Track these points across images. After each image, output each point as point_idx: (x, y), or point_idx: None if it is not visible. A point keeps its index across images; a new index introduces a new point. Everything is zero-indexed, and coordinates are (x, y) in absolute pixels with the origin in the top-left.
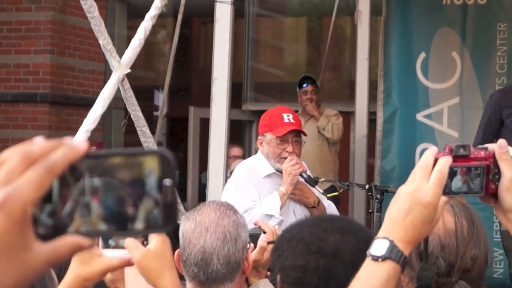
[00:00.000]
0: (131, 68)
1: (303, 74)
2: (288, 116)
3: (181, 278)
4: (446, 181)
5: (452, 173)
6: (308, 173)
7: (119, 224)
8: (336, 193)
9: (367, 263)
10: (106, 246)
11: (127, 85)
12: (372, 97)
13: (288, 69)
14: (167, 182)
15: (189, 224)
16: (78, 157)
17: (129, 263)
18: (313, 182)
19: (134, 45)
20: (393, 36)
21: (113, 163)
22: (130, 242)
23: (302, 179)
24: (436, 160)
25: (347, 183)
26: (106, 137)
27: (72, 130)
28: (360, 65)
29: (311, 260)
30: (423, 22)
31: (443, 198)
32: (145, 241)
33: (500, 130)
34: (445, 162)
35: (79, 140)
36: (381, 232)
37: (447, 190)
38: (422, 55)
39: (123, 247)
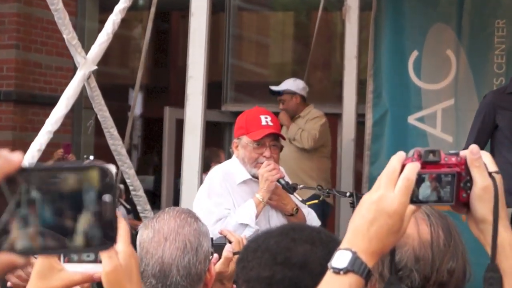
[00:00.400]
0: (105, 65)
1: (286, 79)
2: (266, 118)
3: None
4: (413, 189)
5: (420, 180)
6: (287, 179)
7: (57, 239)
8: (316, 201)
9: (328, 276)
10: (69, 259)
11: (93, 83)
12: (361, 98)
13: (273, 68)
14: (107, 198)
15: (147, 232)
16: (12, 169)
17: (92, 279)
18: (291, 189)
19: (102, 40)
20: (383, 33)
21: (52, 176)
22: None
23: (279, 186)
24: (403, 166)
25: (327, 190)
26: (75, 139)
27: (38, 131)
28: (348, 64)
29: (277, 271)
30: (416, 17)
31: (411, 207)
32: None
33: (494, 134)
34: (413, 168)
35: (15, 153)
36: (344, 243)
37: (414, 199)
38: (415, 53)
39: (87, 261)
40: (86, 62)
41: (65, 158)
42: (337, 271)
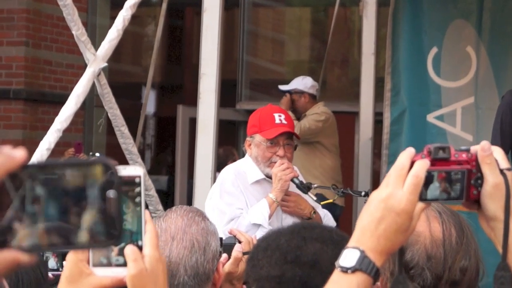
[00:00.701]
0: (117, 62)
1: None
2: (279, 116)
3: None
4: (422, 187)
5: (429, 178)
6: (301, 178)
7: (62, 236)
8: (330, 200)
9: (336, 275)
10: (97, 263)
11: (103, 80)
12: (379, 96)
13: (289, 65)
14: (111, 193)
15: None
16: (15, 166)
17: (122, 283)
18: (305, 188)
19: (112, 37)
20: (402, 29)
21: (56, 172)
22: (130, 251)
23: (293, 185)
24: (412, 163)
25: (342, 189)
26: (86, 138)
27: (48, 130)
28: (366, 61)
29: (287, 270)
30: (435, 13)
31: (420, 205)
32: None
33: None
34: (422, 165)
35: (17, 149)
36: (352, 242)
37: (423, 196)
38: (434, 50)
39: (116, 265)
40: (96, 59)
41: (77, 157)
42: (345, 270)
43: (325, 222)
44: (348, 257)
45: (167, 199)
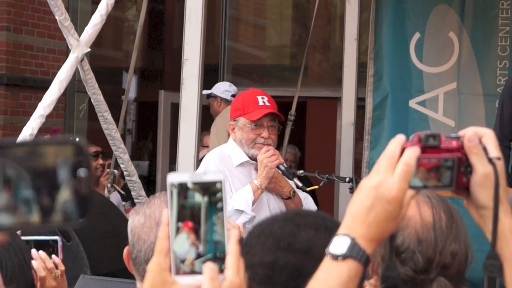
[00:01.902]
0: (98, 47)
1: None
2: (263, 98)
3: (132, 277)
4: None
5: (416, 168)
6: (285, 165)
7: (36, 214)
8: (316, 187)
9: (326, 263)
10: (179, 271)
11: (86, 65)
12: (362, 82)
13: (271, 50)
14: (82, 172)
15: (138, 218)
16: None
17: None
18: (291, 175)
19: (95, 22)
20: (385, 14)
21: (27, 152)
22: (207, 268)
23: (279, 172)
24: (403, 150)
25: (327, 175)
26: (67, 123)
27: (30, 115)
28: (348, 46)
29: (280, 256)
30: None
31: (410, 192)
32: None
33: None
34: (413, 153)
35: None
36: (342, 229)
37: (413, 184)
38: (417, 35)
39: (199, 273)
40: (79, 44)
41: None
42: (335, 257)
43: (305, 204)
44: (339, 244)
45: (148, 185)
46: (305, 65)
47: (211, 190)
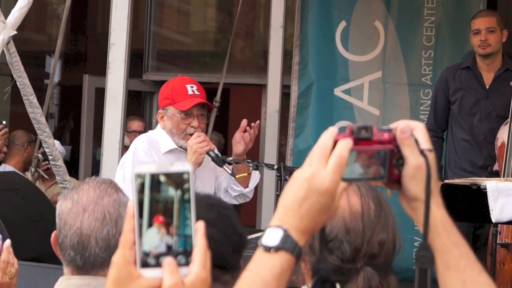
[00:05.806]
0: (20, 30)
1: None
2: (192, 87)
3: (59, 262)
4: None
5: (352, 157)
6: (216, 151)
7: None
8: (245, 174)
9: (259, 254)
10: (145, 264)
11: (12, 48)
12: (287, 69)
13: (195, 36)
14: None
15: (66, 203)
16: None
17: None
18: (221, 161)
19: (22, 5)
20: (311, 2)
21: None
22: (166, 262)
23: (209, 158)
24: (335, 143)
25: (256, 162)
26: None
27: None
28: (274, 33)
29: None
30: None
31: (342, 184)
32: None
33: (450, 109)
34: (345, 145)
35: None
36: (274, 220)
37: (346, 176)
38: (342, 24)
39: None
40: (6, 27)
41: None
42: (267, 249)
43: None
44: (271, 236)
45: (70, 169)
46: (230, 52)
47: (182, 183)
